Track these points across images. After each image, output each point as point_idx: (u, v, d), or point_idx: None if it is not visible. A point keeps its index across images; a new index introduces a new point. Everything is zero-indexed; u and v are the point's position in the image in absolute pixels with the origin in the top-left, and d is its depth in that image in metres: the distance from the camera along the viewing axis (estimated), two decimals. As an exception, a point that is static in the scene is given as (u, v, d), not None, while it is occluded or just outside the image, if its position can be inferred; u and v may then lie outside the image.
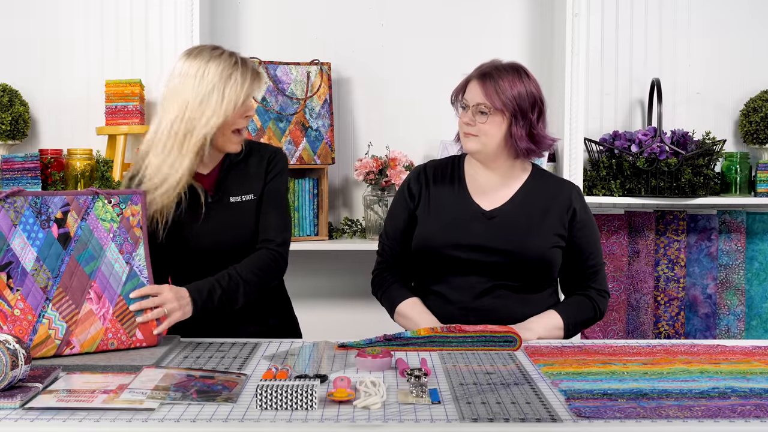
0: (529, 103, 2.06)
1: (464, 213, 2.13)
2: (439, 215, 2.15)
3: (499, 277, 2.10)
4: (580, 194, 2.19)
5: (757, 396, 1.51)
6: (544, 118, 2.11)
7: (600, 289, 2.16)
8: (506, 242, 2.08)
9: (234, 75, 1.98)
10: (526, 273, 2.10)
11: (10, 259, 1.74)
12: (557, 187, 2.17)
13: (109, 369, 1.71)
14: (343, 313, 3.32)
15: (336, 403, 1.46)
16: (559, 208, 2.13)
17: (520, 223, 2.10)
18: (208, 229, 2.08)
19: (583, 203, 2.17)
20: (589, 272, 2.16)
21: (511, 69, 2.09)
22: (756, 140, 3.13)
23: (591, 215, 2.18)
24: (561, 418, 1.39)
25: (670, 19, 3.23)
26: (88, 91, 3.17)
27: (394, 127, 3.25)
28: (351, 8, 3.27)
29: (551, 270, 2.13)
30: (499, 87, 2.05)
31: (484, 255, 2.08)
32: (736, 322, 3.21)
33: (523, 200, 2.14)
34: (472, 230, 2.10)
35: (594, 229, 2.17)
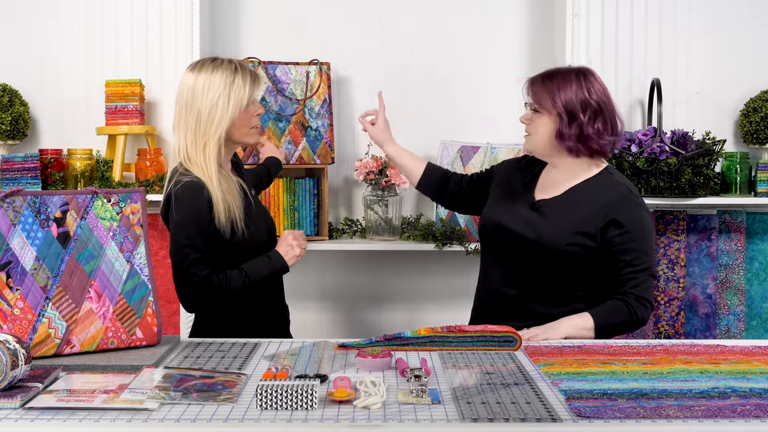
0: (579, 105, 2.13)
1: (519, 200, 2.25)
2: (501, 198, 2.30)
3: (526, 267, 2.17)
4: (629, 200, 2.15)
5: (757, 396, 1.51)
6: (603, 120, 2.15)
7: (640, 296, 2.10)
8: (532, 231, 2.16)
9: (236, 80, 2.13)
10: (547, 265, 2.14)
11: (9, 259, 1.74)
12: (609, 189, 2.17)
13: (109, 369, 1.71)
14: (343, 313, 3.32)
15: (336, 403, 1.46)
16: (597, 209, 2.14)
17: (553, 217, 2.16)
18: (261, 219, 2.23)
19: (629, 208, 2.13)
20: (626, 278, 2.11)
21: (568, 72, 2.19)
22: (756, 140, 3.13)
23: (639, 222, 2.13)
24: (561, 418, 1.39)
25: (670, 19, 3.22)
26: (88, 91, 3.17)
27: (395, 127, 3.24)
28: (351, 8, 3.27)
29: (571, 267, 2.14)
30: (547, 89, 2.16)
31: (515, 240, 2.18)
32: (736, 322, 3.21)
33: (572, 196, 2.19)
34: (515, 216, 2.21)
35: (636, 236, 2.12)
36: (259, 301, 2.23)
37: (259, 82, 2.18)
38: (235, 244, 2.11)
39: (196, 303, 2.11)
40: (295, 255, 2.16)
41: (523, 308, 2.18)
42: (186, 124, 2.13)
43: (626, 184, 2.20)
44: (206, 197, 2.07)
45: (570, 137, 2.14)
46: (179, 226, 2.06)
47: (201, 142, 2.11)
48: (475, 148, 3.10)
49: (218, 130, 2.11)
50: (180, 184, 2.08)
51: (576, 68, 2.22)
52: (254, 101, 2.18)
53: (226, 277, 2.08)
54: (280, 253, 2.16)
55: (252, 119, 2.17)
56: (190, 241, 2.05)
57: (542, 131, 2.18)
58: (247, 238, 2.13)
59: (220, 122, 2.11)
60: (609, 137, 2.17)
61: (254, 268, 2.12)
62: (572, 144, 2.15)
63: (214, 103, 2.10)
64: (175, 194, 2.08)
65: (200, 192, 2.07)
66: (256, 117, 2.19)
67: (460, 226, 3.08)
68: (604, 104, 2.16)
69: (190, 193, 2.07)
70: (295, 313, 2.48)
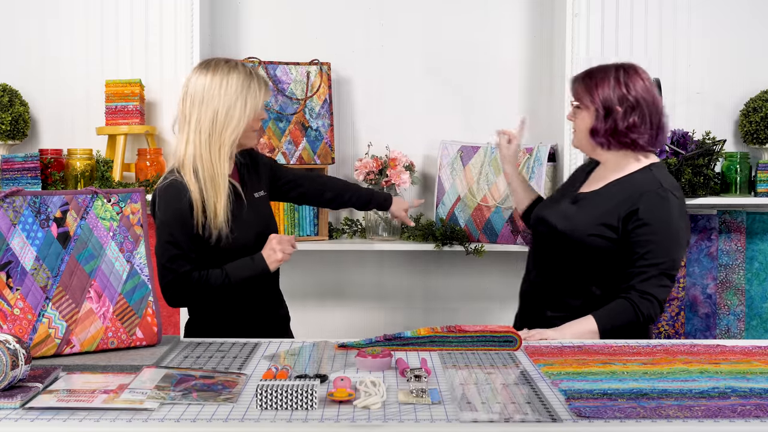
0: (616, 100, 2.17)
1: (567, 195, 2.32)
2: (554, 195, 2.43)
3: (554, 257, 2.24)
4: (656, 194, 2.13)
5: (757, 396, 1.51)
6: (642, 114, 2.17)
7: (643, 291, 2.08)
8: (561, 222, 2.21)
9: (252, 84, 2.14)
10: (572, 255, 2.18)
11: (9, 259, 1.74)
12: (641, 182, 2.17)
13: (109, 369, 1.71)
14: (343, 313, 3.32)
15: (336, 403, 1.46)
16: (624, 201, 2.15)
17: (583, 209, 2.21)
18: (250, 222, 2.21)
19: (657, 203, 2.12)
20: (636, 271, 2.10)
21: (608, 69, 2.23)
22: (756, 140, 3.13)
23: (665, 219, 2.12)
24: (561, 418, 1.39)
25: (670, 19, 3.22)
26: (88, 91, 3.17)
27: (394, 127, 3.25)
28: (351, 8, 3.27)
29: (594, 258, 2.15)
30: (586, 86, 2.22)
31: (546, 231, 2.26)
32: (736, 322, 3.21)
33: (606, 190, 2.22)
34: (556, 209, 2.28)
35: (658, 232, 2.10)
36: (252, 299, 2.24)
37: (269, 89, 2.22)
38: (217, 245, 2.12)
39: (175, 298, 2.13)
40: (277, 259, 2.15)
41: (554, 298, 2.22)
42: (198, 124, 2.11)
43: (660, 179, 2.17)
44: (188, 199, 2.08)
45: (602, 132, 2.19)
46: (162, 223, 2.11)
47: (216, 145, 2.11)
48: (475, 148, 3.10)
49: (235, 132, 2.11)
50: (164, 183, 2.13)
51: (619, 64, 2.24)
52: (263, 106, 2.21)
53: (206, 275, 2.11)
54: (263, 257, 2.15)
55: (256, 123, 2.20)
56: (172, 238, 2.09)
57: (581, 127, 2.24)
58: (231, 241, 2.13)
59: (238, 125, 2.11)
60: (646, 131, 2.18)
61: (235, 268, 2.13)
62: (603, 139, 2.19)
63: (232, 104, 2.10)
64: (159, 192, 2.13)
65: (180, 190, 2.09)
66: (260, 121, 2.22)
67: (460, 226, 3.08)
68: (642, 99, 2.18)
69: (173, 191, 2.10)
70: (295, 313, 2.48)
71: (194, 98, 2.12)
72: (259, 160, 2.37)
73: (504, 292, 3.29)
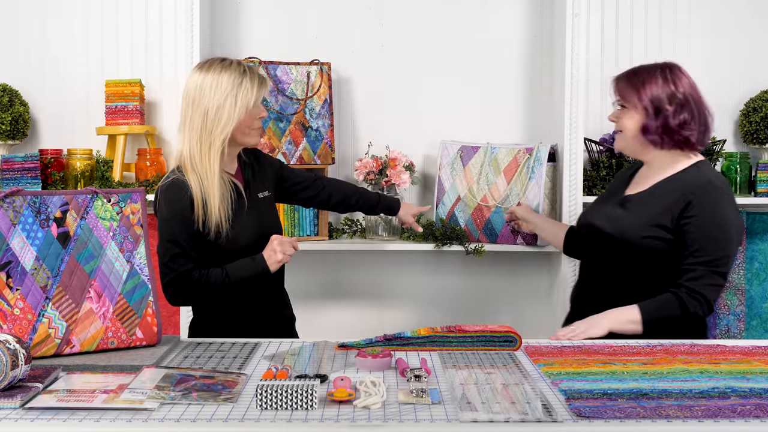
0: (666, 98, 2.17)
1: (612, 199, 2.31)
2: (599, 200, 2.42)
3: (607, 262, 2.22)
4: (713, 192, 2.12)
5: (757, 396, 1.51)
6: (690, 111, 2.18)
7: (693, 290, 2.07)
8: (611, 225, 2.20)
9: (244, 82, 2.14)
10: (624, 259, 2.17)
11: (9, 259, 1.74)
12: (692, 180, 2.16)
13: (109, 369, 1.71)
14: (343, 313, 3.32)
15: (336, 403, 1.46)
16: (677, 200, 2.13)
17: (633, 211, 2.20)
18: (252, 222, 2.21)
19: (708, 200, 2.11)
20: (686, 269, 2.09)
21: (652, 68, 2.23)
22: (756, 140, 3.13)
23: (716, 217, 2.10)
24: (561, 418, 1.39)
25: (670, 19, 3.22)
26: (88, 91, 3.17)
27: (394, 127, 3.25)
28: (351, 8, 3.27)
29: (648, 261, 2.14)
30: (632, 85, 2.21)
31: (595, 235, 2.25)
32: (736, 322, 3.21)
33: (654, 191, 2.20)
34: (603, 213, 2.28)
35: (709, 230, 2.09)
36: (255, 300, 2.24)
37: (266, 85, 2.20)
38: (218, 244, 2.13)
39: (176, 297, 2.14)
40: (277, 260, 2.15)
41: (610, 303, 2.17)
42: (192, 123, 2.14)
43: (711, 177, 2.16)
44: (188, 197, 2.10)
45: (654, 130, 2.17)
46: (164, 222, 2.13)
47: (206, 143, 2.13)
48: (475, 148, 3.10)
49: (224, 130, 2.12)
50: (166, 182, 2.15)
51: (662, 63, 2.25)
52: (258, 105, 2.19)
53: (206, 274, 2.11)
54: (263, 257, 2.16)
55: (255, 121, 2.19)
56: (173, 236, 2.10)
57: (630, 127, 2.21)
58: (231, 239, 2.14)
59: (227, 123, 2.12)
60: (695, 128, 2.19)
61: (236, 268, 2.14)
62: (656, 137, 2.18)
63: (221, 103, 2.12)
64: (160, 191, 2.15)
65: (181, 188, 2.12)
66: (259, 119, 2.21)
67: (460, 226, 3.08)
68: (690, 96, 2.20)
69: (175, 190, 2.12)
70: (295, 313, 2.48)
71: (188, 97, 2.15)
72: (266, 161, 2.38)
73: (504, 292, 3.30)
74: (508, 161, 3.03)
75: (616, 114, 2.26)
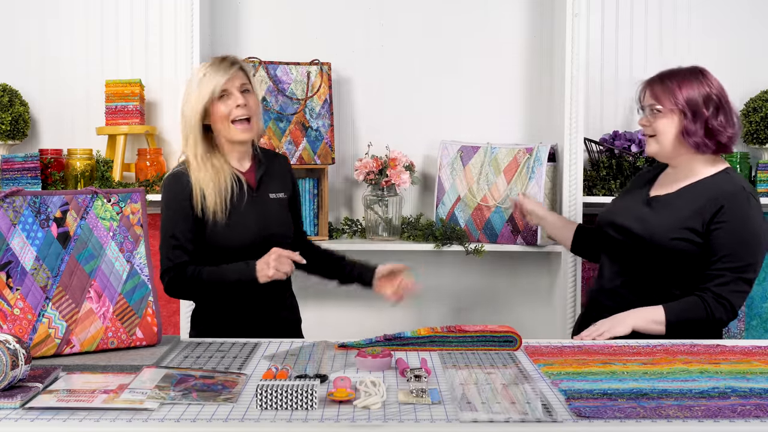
0: (702, 101, 2.16)
1: (636, 198, 2.29)
2: (621, 198, 2.40)
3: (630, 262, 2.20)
4: (743, 200, 2.12)
5: (757, 396, 1.51)
6: (725, 113, 2.18)
7: (719, 295, 2.08)
8: (639, 226, 2.18)
9: (209, 72, 2.20)
10: (650, 260, 2.15)
11: (9, 259, 1.74)
12: (724, 185, 2.16)
13: (109, 369, 1.71)
14: (344, 313, 3.32)
15: (336, 403, 1.46)
16: (707, 204, 2.13)
17: (662, 213, 2.18)
18: (252, 218, 2.22)
19: (738, 207, 2.11)
20: (714, 274, 2.09)
21: (685, 71, 2.22)
22: (756, 140, 3.13)
23: (744, 223, 2.11)
24: (561, 418, 1.39)
25: (670, 19, 3.22)
26: (88, 91, 3.17)
27: (394, 127, 3.25)
28: (351, 8, 3.27)
29: (675, 263, 2.13)
30: (667, 88, 2.19)
31: (622, 235, 2.22)
32: (736, 322, 3.21)
33: (684, 193, 2.19)
34: (628, 212, 2.25)
35: (737, 236, 2.09)
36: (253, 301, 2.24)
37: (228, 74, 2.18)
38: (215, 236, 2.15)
39: (170, 288, 2.18)
40: (267, 275, 2.08)
41: (631, 303, 2.17)
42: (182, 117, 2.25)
43: (743, 184, 2.17)
44: (187, 187, 2.17)
45: (696, 133, 2.15)
46: (163, 213, 2.21)
47: (185, 136, 2.22)
48: (475, 148, 3.10)
49: (191, 121, 2.19)
50: (168, 174, 2.24)
51: (691, 67, 2.24)
52: (231, 93, 2.19)
53: (200, 270, 2.15)
54: (255, 267, 2.11)
55: (232, 111, 2.18)
56: (171, 228, 2.17)
57: (668, 130, 2.18)
58: (227, 232, 2.16)
59: (192, 115, 2.19)
60: (731, 130, 2.19)
61: (228, 269, 2.15)
62: (699, 140, 2.16)
63: (188, 98, 2.21)
64: (163, 183, 2.25)
65: (180, 179, 2.19)
66: (237, 109, 2.18)
67: (460, 226, 3.08)
68: (724, 99, 2.19)
69: (174, 182, 2.20)
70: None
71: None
72: (290, 171, 2.40)
73: (504, 292, 3.29)
74: (508, 161, 3.03)
75: (648, 119, 2.22)
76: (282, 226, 2.30)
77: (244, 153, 2.28)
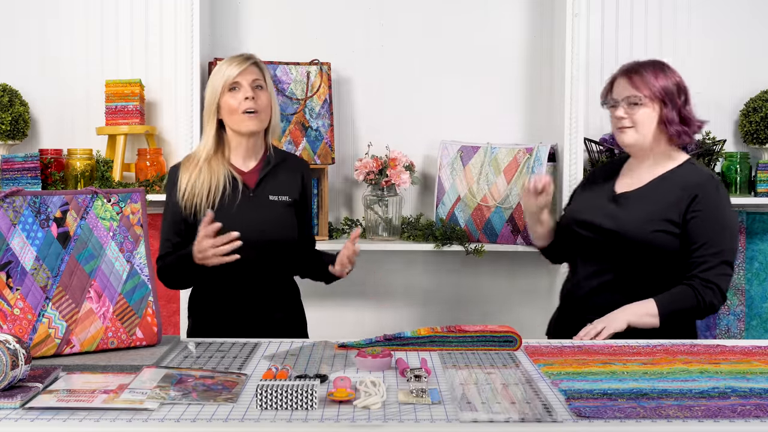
0: (675, 89, 2.21)
1: (600, 196, 2.29)
2: (583, 197, 2.37)
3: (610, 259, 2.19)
4: (711, 186, 2.17)
5: (757, 396, 1.51)
6: (689, 102, 2.24)
7: (707, 280, 2.10)
8: (615, 222, 2.18)
9: (222, 66, 2.27)
10: (630, 255, 2.16)
11: (9, 259, 1.74)
12: (694, 174, 2.20)
13: (109, 369, 1.71)
14: (343, 313, 3.32)
15: (336, 403, 1.46)
16: (682, 195, 2.16)
17: (636, 207, 2.19)
18: (242, 219, 2.21)
19: (711, 195, 2.15)
20: (698, 261, 2.11)
21: (652, 62, 2.26)
22: (756, 140, 3.13)
23: (719, 210, 2.16)
24: (561, 418, 1.39)
25: (670, 19, 3.22)
26: (88, 91, 3.17)
27: (394, 127, 3.25)
28: (351, 8, 3.27)
29: (656, 256, 2.14)
30: (644, 78, 2.21)
31: (597, 233, 2.21)
32: (736, 322, 3.21)
33: (654, 187, 2.22)
34: (597, 211, 2.25)
35: (715, 222, 2.14)
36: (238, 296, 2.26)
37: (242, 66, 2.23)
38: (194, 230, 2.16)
39: (160, 276, 2.26)
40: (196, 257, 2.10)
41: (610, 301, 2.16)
42: None
43: (710, 173, 2.23)
44: (174, 175, 2.28)
45: (674, 121, 2.19)
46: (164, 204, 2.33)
47: (204, 125, 2.30)
48: (475, 148, 3.10)
49: (210, 112, 2.26)
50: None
51: (653, 59, 2.29)
52: (241, 85, 2.23)
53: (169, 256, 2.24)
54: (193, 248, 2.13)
55: (241, 104, 2.22)
56: (164, 219, 2.30)
57: (648, 121, 2.20)
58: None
59: (211, 105, 2.25)
60: (699, 121, 2.25)
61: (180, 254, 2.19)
62: (679, 128, 2.20)
63: (207, 90, 2.28)
64: None
65: (176, 172, 2.28)
66: (245, 101, 2.21)
67: (460, 226, 3.08)
68: (687, 89, 2.25)
69: (170, 173, 2.32)
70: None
71: None
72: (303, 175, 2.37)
73: (504, 293, 3.30)
74: (508, 161, 3.03)
75: (626, 110, 2.22)
76: (280, 229, 2.27)
77: (251, 150, 2.29)
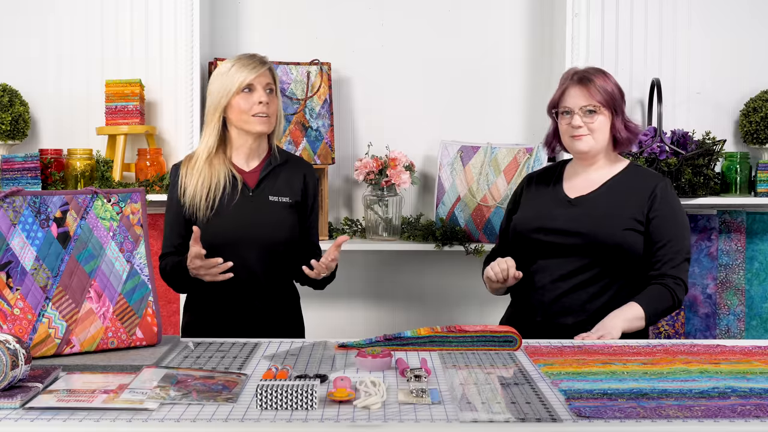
0: (619, 96, 2.26)
1: (552, 202, 2.30)
2: (531, 205, 2.35)
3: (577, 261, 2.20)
4: (667, 186, 2.24)
5: (757, 396, 1.51)
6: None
7: (676, 277, 2.16)
8: (582, 225, 2.20)
9: (232, 69, 2.26)
10: (601, 256, 2.18)
11: (9, 259, 1.74)
12: (646, 178, 2.27)
13: (109, 369, 1.71)
14: (344, 313, 3.32)
15: (336, 403, 1.46)
16: (641, 195, 2.21)
17: (599, 209, 2.22)
18: (238, 218, 2.24)
19: (668, 194, 2.23)
20: (664, 259, 2.17)
21: (598, 70, 2.29)
22: (756, 140, 3.13)
23: (676, 208, 2.23)
24: (561, 418, 1.39)
25: (670, 19, 3.22)
26: (88, 91, 3.17)
27: (394, 127, 3.25)
28: (351, 8, 3.27)
29: (628, 254, 2.18)
30: (597, 86, 2.22)
31: (563, 237, 2.21)
32: (736, 322, 3.21)
33: (609, 189, 2.25)
34: (555, 216, 2.25)
35: (675, 221, 2.20)
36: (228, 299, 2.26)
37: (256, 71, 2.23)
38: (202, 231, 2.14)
39: (161, 275, 2.30)
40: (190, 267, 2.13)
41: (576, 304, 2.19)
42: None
43: (659, 174, 2.33)
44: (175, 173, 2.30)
45: (622, 129, 2.24)
46: None
47: (206, 122, 2.30)
48: (475, 148, 3.10)
49: (216, 110, 2.26)
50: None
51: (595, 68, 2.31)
52: (255, 89, 2.24)
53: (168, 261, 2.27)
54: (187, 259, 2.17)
55: (253, 107, 2.23)
56: (166, 218, 2.32)
57: (604, 127, 2.23)
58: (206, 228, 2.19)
59: (218, 104, 2.25)
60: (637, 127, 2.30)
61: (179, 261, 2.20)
62: (626, 135, 2.25)
63: (214, 88, 2.27)
64: None
65: (177, 171, 2.30)
66: (259, 105, 2.23)
67: (460, 226, 3.08)
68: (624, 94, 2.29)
69: (172, 171, 2.34)
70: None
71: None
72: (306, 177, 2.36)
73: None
74: (508, 161, 3.03)
75: (579, 120, 2.21)
76: (279, 230, 2.27)
77: (254, 150, 2.31)
